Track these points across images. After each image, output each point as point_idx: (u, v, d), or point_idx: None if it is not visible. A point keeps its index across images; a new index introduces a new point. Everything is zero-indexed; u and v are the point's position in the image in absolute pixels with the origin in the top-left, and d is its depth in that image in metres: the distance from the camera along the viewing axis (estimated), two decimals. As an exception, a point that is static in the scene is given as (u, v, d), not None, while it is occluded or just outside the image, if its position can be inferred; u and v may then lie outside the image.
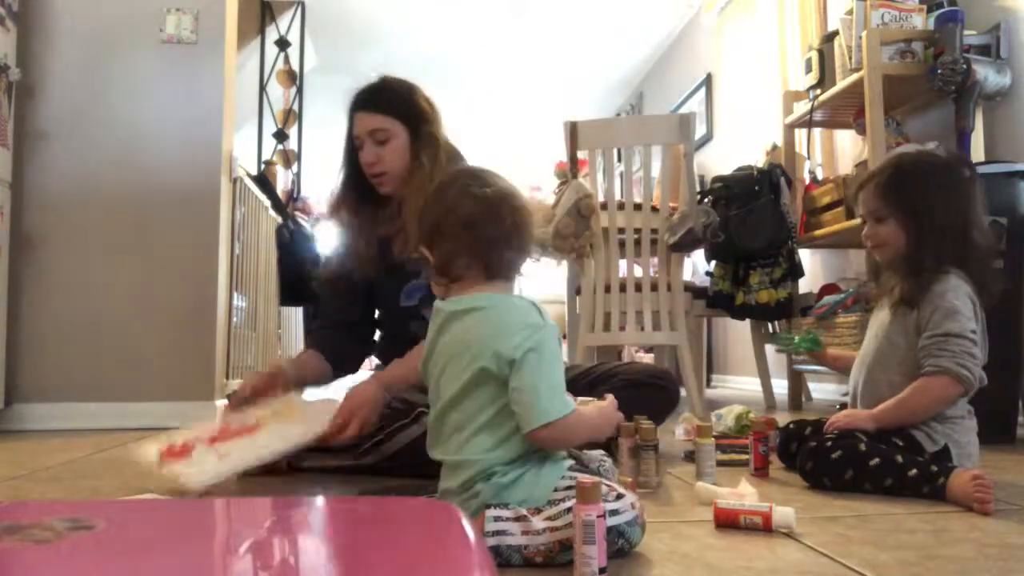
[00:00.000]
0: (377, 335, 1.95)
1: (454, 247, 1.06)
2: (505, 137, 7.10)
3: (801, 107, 3.04)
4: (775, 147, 3.47)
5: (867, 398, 1.50)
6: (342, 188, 1.77)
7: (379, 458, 1.57)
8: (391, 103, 1.71)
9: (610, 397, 1.16)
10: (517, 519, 0.93)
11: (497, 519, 0.92)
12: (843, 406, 1.61)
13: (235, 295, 2.95)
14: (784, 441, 1.60)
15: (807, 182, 3.18)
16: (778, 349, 1.90)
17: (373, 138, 1.68)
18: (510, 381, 0.98)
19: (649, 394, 1.71)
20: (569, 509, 0.89)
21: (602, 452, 1.25)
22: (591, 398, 1.27)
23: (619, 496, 0.95)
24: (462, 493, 1.01)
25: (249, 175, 3.32)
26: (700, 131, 4.91)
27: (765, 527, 1.08)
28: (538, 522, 0.92)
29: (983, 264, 1.44)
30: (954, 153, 1.62)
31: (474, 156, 1.83)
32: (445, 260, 1.07)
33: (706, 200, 3.15)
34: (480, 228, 1.05)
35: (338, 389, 1.68)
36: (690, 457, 1.64)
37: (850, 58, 2.68)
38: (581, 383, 1.78)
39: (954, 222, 1.43)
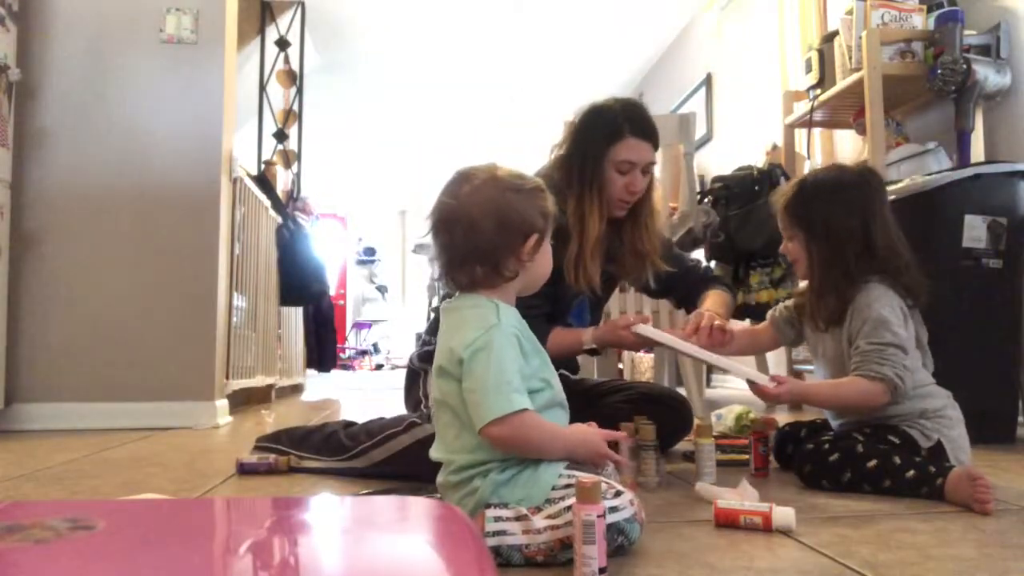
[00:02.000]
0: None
1: (460, 265, 1.07)
2: (505, 137, 7.10)
3: (801, 107, 3.04)
4: (775, 147, 3.47)
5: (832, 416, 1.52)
6: (601, 206, 1.66)
7: (368, 463, 1.59)
8: (659, 140, 1.71)
9: (594, 425, 1.09)
10: (518, 519, 0.93)
11: (497, 519, 0.93)
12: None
13: (235, 295, 2.95)
14: (780, 443, 1.60)
15: (807, 182, 3.18)
16: None
17: (645, 169, 1.68)
18: (463, 382, 1.00)
19: (662, 411, 1.68)
20: (569, 507, 0.89)
21: None
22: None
23: (617, 493, 0.95)
24: (460, 489, 1.01)
25: (249, 175, 3.32)
26: (700, 131, 4.91)
27: (765, 527, 1.08)
28: (539, 521, 0.92)
29: (899, 271, 1.44)
30: (860, 165, 1.62)
31: (474, 156, 1.84)
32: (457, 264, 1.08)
33: (706, 200, 3.15)
34: (462, 245, 1.05)
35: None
36: (690, 457, 1.64)
37: (850, 58, 2.68)
38: (593, 394, 1.78)
39: (852, 235, 1.43)
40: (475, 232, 1.04)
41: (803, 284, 1.61)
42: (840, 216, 1.45)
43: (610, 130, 1.64)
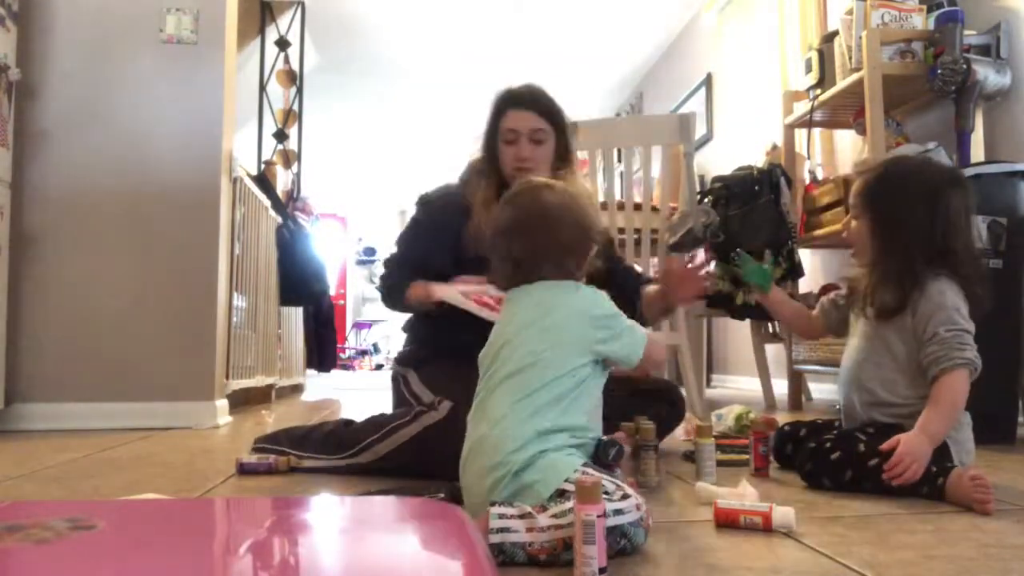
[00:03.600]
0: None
1: (546, 251, 1.17)
2: (505, 137, 7.09)
3: (801, 107, 3.04)
4: (775, 147, 3.47)
5: (862, 403, 1.49)
6: (489, 177, 1.77)
7: (373, 458, 1.57)
8: (551, 110, 1.77)
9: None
10: (522, 516, 0.93)
11: (501, 516, 0.93)
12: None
13: (235, 295, 2.95)
14: (779, 443, 1.60)
15: (807, 182, 3.19)
16: (718, 276, 1.88)
17: (531, 137, 1.74)
18: (603, 336, 1.12)
19: (653, 402, 1.70)
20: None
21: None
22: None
23: (625, 496, 0.95)
24: (491, 457, 1.03)
25: (249, 175, 3.32)
26: (700, 131, 4.91)
27: (765, 527, 1.08)
28: (543, 519, 0.92)
29: (966, 281, 1.43)
30: (950, 167, 1.60)
31: (474, 157, 1.84)
32: (534, 263, 1.17)
33: (706, 200, 3.15)
34: (566, 236, 1.17)
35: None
36: (690, 457, 1.64)
37: (850, 58, 2.68)
38: None
39: (924, 234, 1.41)
40: (560, 227, 1.17)
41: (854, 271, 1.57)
42: (916, 213, 1.42)
43: (496, 107, 1.79)
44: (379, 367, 8.97)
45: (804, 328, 1.74)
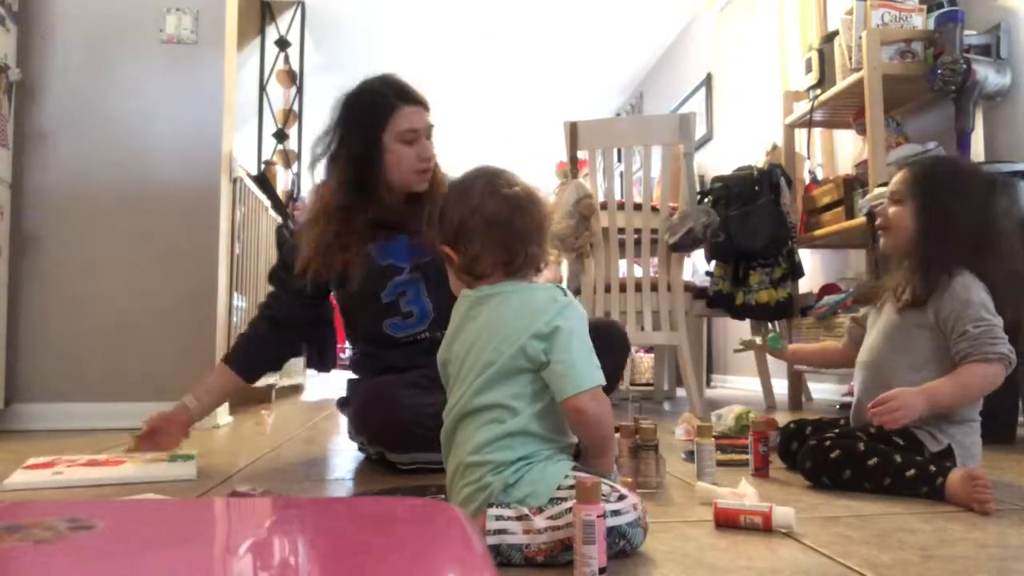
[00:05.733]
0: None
1: (481, 245, 1.08)
2: (505, 137, 7.10)
3: (801, 107, 3.04)
4: (775, 147, 3.47)
5: (877, 396, 1.48)
6: (352, 186, 1.69)
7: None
8: (427, 102, 1.72)
9: None
10: (519, 518, 0.93)
11: (499, 518, 0.93)
12: (843, 406, 1.61)
13: (235, 295, 2.95)
14: (784, 441, 1.60)
15: (807, 182, 3.19)
16: (738, 349, 1.92)
17: (427, 134, 1.69)
18: (548, 355, 1.01)
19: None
20: (571, 509, 0.89)
21: None
22: None
23: (621, 497, 0.95)
24: (473, 484, 1.01)
25: (249, 175, 3.32)
26: (700, 131, 4.91)
27: (765, 527, 1.08)
28: (540, 521, 0.92)
29: (998, 282, 1.42)
30: (994, 173, 1.63)
31: (474, 156, 1.84)
32: (472, 258, 1.09)
33: (706, 200, 3.16)
34: (506, 226, 1.08)
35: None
36: (690, 457, 1.64)
37: (850, 58, 2.68)
38: None
39: (965, 230, 1.42)
40: (533, 215, 1.10)
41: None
42: (966, 205, 1.43)
43: (381, 106, 1.66)
44: (353, 380, 8.93)
45: (840, 359, 1.73)
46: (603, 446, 1.07)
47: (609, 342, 1.59)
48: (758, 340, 1.81)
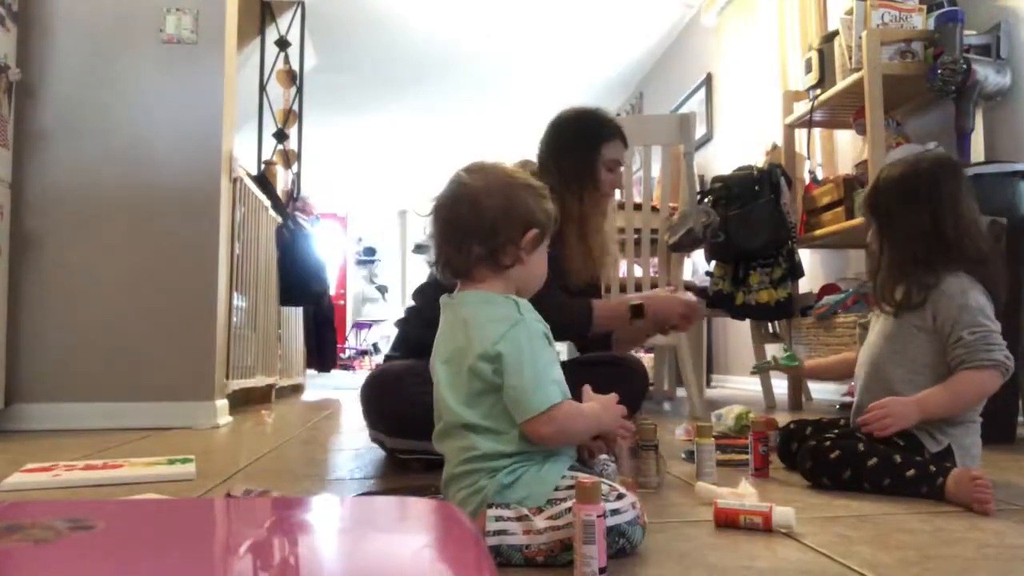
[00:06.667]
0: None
1: (438, 241, 1.07)
2: (505, 137, 7.09)
3: (801, 107, 3.04)
4: (775, 147, 3.47)
5: (877, 397, 1.48)
6: (588, 202, 1.87)
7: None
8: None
9: (588, 389, 1.13)
10: (519, 519, 0.93)
11: (499, 519, 0.92)
12: (843, 407, 1.61)
13: (235, 295, 2.95)
14: (784, 441, 1.60)
15: (807, 182, 3.19)
16: (754, 371, 1.93)
17: (620, 167, 1.96)
18: (501, 378, 0.98)
19: (603, 374, 1.63)
20: (570, 509, 0.89)
21: (606, 456, 1.24)
22: None
23: (620, 496, 0.95)
24: (466, 487, 1.01)
25: (249, 175, 3.32)
26: (700, 131, 4.91)
27: (765, 527, 1.08)
28: (539, 522, 0.92)
29: (977, 261, 1.42)
30: (936, 156, 1.62)
31: (474, 156, 1.83)
32: (435, 257, 1.08)
33: (706, 200, 3.16)
34: (446, 220, 1.05)
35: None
36: (690, 457, 1.64)
37: (850, 58, 2.68)
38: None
39: (920, 228, 1.42)
40: (479, 208, 1.03)
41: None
42: (907, 212, 1.45)
43: (598, 133, 1.94)
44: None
45: (851, 373, 1.72)
46: (582, 439, 1.10)
47: (628, 371, 1.80)
48: (772, 361, 1.81)
